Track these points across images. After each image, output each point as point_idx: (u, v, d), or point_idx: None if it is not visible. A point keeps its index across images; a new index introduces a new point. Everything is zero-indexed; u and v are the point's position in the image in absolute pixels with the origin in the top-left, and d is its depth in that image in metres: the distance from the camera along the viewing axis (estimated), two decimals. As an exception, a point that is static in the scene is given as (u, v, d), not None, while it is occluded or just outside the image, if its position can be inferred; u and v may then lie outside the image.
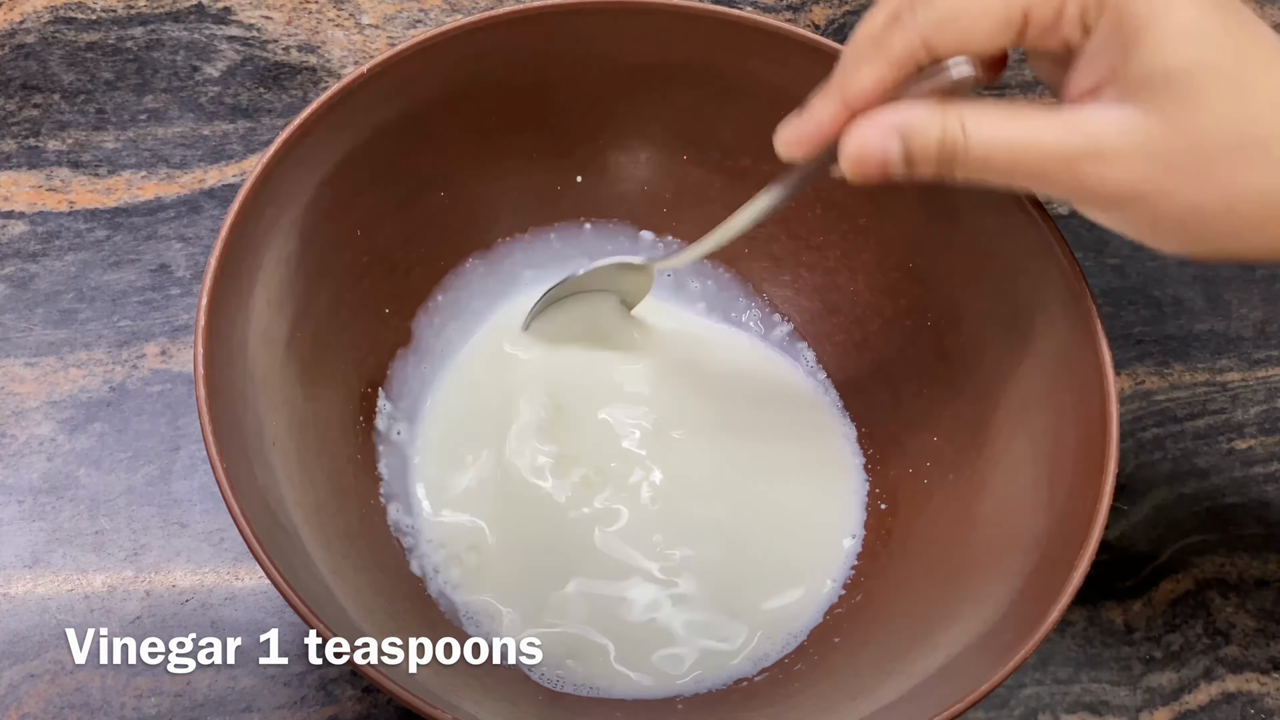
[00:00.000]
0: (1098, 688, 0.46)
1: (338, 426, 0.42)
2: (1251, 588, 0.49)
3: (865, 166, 0.33)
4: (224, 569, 0.45)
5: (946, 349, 0.44)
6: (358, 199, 0.42)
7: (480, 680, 0.39)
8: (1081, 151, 0.30)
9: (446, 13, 0.61)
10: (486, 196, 0.47)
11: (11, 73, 0.56)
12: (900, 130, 0.32)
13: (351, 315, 0.43)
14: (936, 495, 0.44)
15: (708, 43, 0.43)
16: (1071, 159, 0.30)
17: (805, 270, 0.49)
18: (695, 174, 0.48)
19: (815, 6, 0.63)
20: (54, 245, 0.51)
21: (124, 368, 0.48)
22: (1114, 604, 0.48)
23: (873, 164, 0.33)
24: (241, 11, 0.59)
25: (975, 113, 0.31)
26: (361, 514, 0.42)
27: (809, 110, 0.34)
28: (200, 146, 0.55)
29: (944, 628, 0.38)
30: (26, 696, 0.42)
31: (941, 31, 0.32)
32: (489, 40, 0.42)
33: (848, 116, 0.33)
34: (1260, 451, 0.52)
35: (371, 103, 0.40)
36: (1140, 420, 0.52)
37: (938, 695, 0.34)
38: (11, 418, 0.47)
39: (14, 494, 0.45)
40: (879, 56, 0.32)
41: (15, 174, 0.53)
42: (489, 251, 0.49)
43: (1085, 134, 0.30)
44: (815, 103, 0.34)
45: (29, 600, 0.43)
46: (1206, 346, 0.55)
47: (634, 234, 0.50)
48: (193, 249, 0.52)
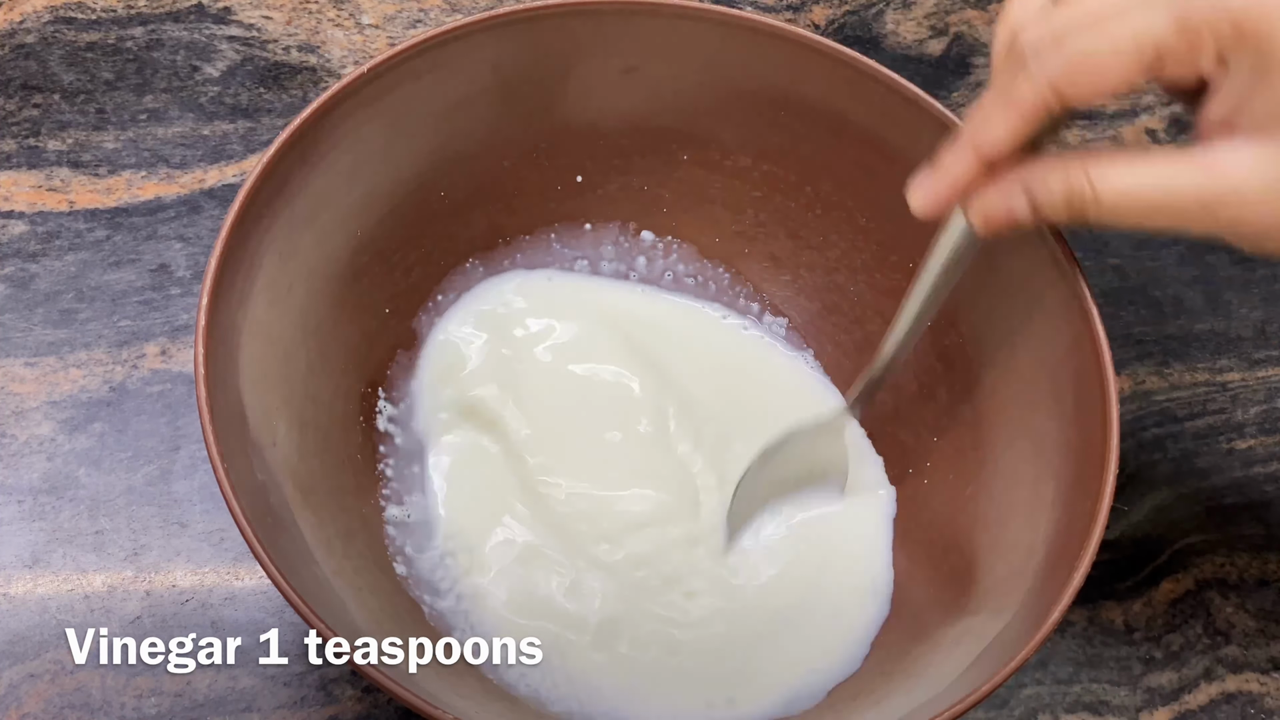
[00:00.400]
0: (1098, 688, 0.46)
1: (338, 426, 0.42)
2: (1251, 588, 0.49)
3: (993, 225, 0.34)
4: (224, 569, 0.45)
5: (946, 349, 0.44)
6: (358, 199, 0.42)
7: (480, 680, 0.39)
8: (1218, 196, 0.30)
9: (446, 13, 0.61)
10: (487, 196, 0.47)
11: (11, 73, 0.56)
12: (1025, 187, 0.32)
13: (351, 315, 0.43)
14: (936, 495, 0.44)
15: (708, 43, 0.43)
16: (1208, 204, 0.30)
17: (805, 270, 0.49)
18: (695, 174, 0.48)
19: (815, 6, 0.63)
20: (54, 245, 0.51)
21: (124, 368, 0.48)
22: (1114, 604, 0.48)
23: (1000, 222, 0.33)
24: (241, 11, 0.59)
25: (1100, 163, 0.31)
26: (361, 514, 0.42)
27: (942, 165, 0.34)
28: (200, 146, 0.55)
29: (944, 628, 0.38)
30: (26, 696, 0.42)
31: (1073, 78, 0.31)
32: (489, 40, 0.42)
33: (981, 169, 0.33)
34: (1260, 451, 0.52)
35: (371, 103, 0.40)
36: (1140, 420, 0.52)
37: (938, 695, 0.34)
38: (11, 418, 0.47)
39: (14, 494, 0.45)
40: (1010, 108, 0.32)
41: (15, 174, 0.53)
42: (489, 251, 0.49)
43: (1221, 176, 0.30)
44: (948, 158, 0.34)
45: (29, 600, 0.43)
46: (1206, 346, 0.55)
47: (634, 234, 0.50)
48: (193, 249, 0.52)
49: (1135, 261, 0.57)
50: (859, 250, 0.47)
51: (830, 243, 0.48)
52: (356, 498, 0.42)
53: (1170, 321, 0.56)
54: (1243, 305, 0.56)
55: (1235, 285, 0.57)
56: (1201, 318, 0.56)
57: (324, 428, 0.41)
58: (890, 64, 0.43)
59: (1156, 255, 0.57)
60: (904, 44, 0.62)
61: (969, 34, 0.63)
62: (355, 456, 0.43)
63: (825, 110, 0.44)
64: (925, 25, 0.63)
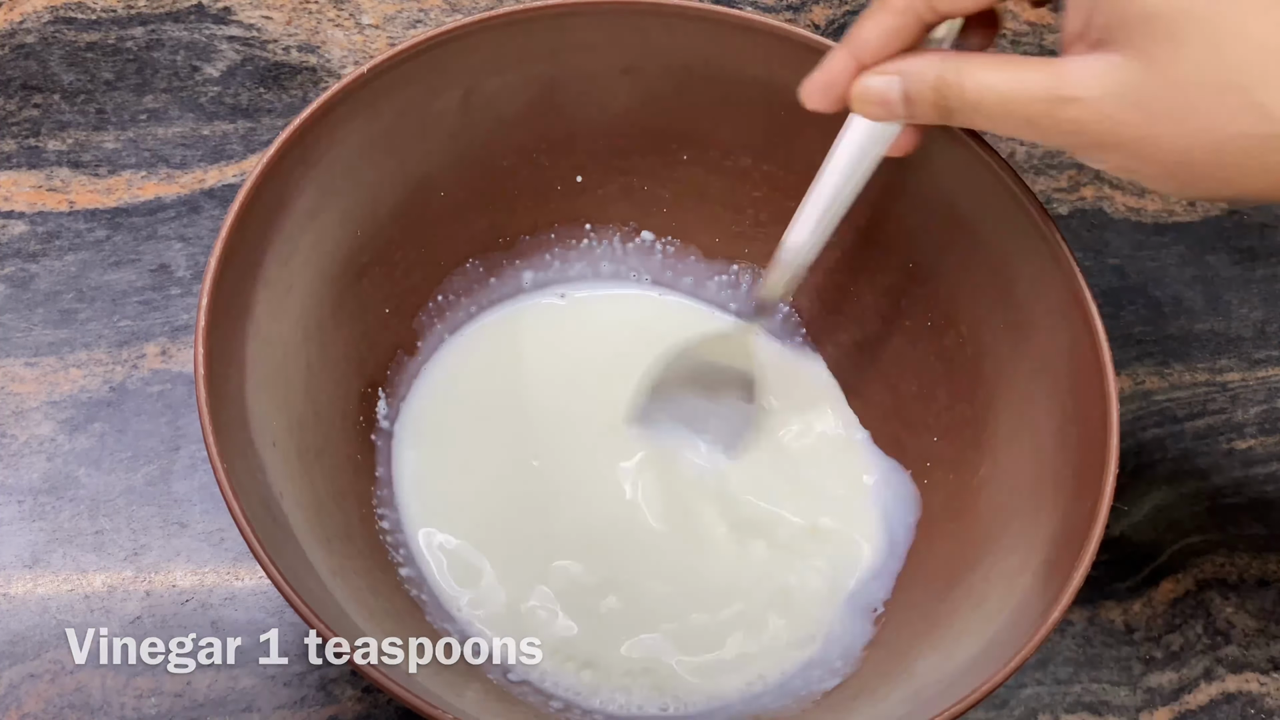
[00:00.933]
0: (1098, 688, 0.46)
1: (338, 426, 0.42)
2: (1251, 588, 0.49)
3: (868, 105, 0.36)
4: (224, 569, 0.45)
5: (946, 349, 0.44)
6: (357, 199, 0.42)
7: (480, 680, 0.39)
8: (1060, 97, 0.31)
9: (446, 13, 0.61)
10: (487, 196, 0.47)
11: (11, 73, 0.56)
12: (900, 72, 0.34)
13: (351, 315, 0.43)
14: (936, 495, 0.44)
15: (708, 43, 0.43)
16: (1052, 104, 0.31)
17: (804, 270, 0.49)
18: (695, 174, 0.48)
19: (815, 6, 0.63)
20: (54, 245, 0.51)
21: (124, 368, 0.48)
22: (1114, 604, 0.48)
23: (874, 102, 0.35)
24: (241, 11, 0.59)
25: (971, 61, 0.33)
26: (361, 514, 0.42)
27: (822, 65, 0.37)
28: (200, 146, 0.55)
29: (944, 628, 0.38)
30: (26, 696, 0.42)
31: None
32: (489, 40, 0.42)
33: (858, 68, 0.36)
34: (1260, 451, 0.52)
35: (371, 102, 0.40)
36: (1140, 420, 0.52)
37: (937, 695, 0.34)
38: (11, 418, 0.47)
39: (14, 494, 0.45)
40: (880, 10, 0.35)
41: (15, 174, 0.53)
42: (489, 252, 0.49)
43: (1065, 80, 0.31)
44: (826, 58, 0.37)
45: (29, 600, 0.43)
46: (1206, 346, 0.55)
47: (634, 234, 0.50)
48: (193, 249, 0.52)
49: (1135, 261, 0.57)
50: (859, 250, 0.47)
51: (830, 243, 0.48)
52: (356, 498, 0.42)
53: (1170, 321, 0.56)
54: (1243, 305, 0.56)
55: (1235, 285, 0.57)
56: (1201, 318, 0.56)
57: (324, 428, 0.41)
58: (890, 64, 0.43)
59: (1156, 255, 0.57)
60: (904, 44, 0.62)
61: (969, 34, 0.63)
62: (355, 456, 0.43)
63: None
64: (925, 25, 0.63)
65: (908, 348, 0.46)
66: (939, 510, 0.44)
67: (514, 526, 0.44)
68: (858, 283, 0.48)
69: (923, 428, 0.46)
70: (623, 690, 0.41)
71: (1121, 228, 0.58)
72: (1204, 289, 0.57)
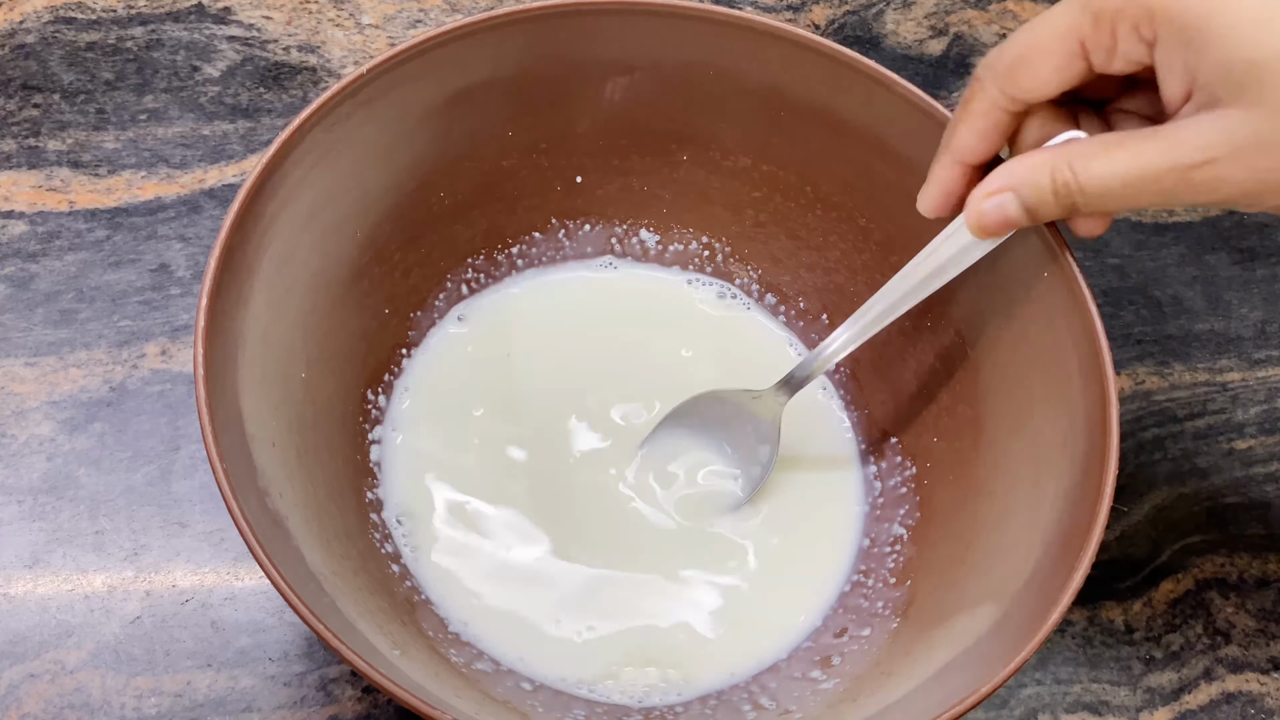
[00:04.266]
0: (1098, 688, 0.46)
1: (338, 426, 0.42)
2: (1251, 588, 0.49)
3: (992, 229, 0.36)
4: (224, 569, 0.45)
5: (946, 349, 0.44)
6: (357, 199, 0.42)
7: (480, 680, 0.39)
8: (1191, 164, 0.31)
9: (446, 13, 0.61)
10: (487, 197, 0.47)
11: (11, 73, 0.56)
12: (1013, 187, 0.34)
13: (351, 315, 0.43)
14: (936, 496, 0.44)
15: (708, 43, 0.43)
16: (1184, 173, 0.31)
17: (805, 270, 0.49)
18: (695, 174, 0.48)
19: (815, 6, 0.63)
20: (54, 245, 0.51)
21: (124, 368, 0.48)
22: (1114, 604, 0.48)
23: (997, 223, 0.35)
24: (241, 11, 0.59)
25: (1081, 153, 0.33)
26: (360, 514, 0.42)
27: (931, 177, 0.38)
28: (200, 146, 0.55)
29: (944, 628, 0.38)
30: (26, 696, 0.42)
31: (1012, 77, 0.34)
32: (489, 40, 0.42)
33: (966, 171, 0.37)
34: (1260, 451, 0.52)
35: (371, 102, 0.40)
36: (1140, 420, 0.52)
37: (938, 695, 0.34)
38: (11, 418, 0.47)
39: (14, 494, 0.45)
40: (966, 114, 0.36)
41: (15, 174, 0.53)
42: (489, 252, 0.49)
43: (1191, 145, 0.31)
44: (934, 169, 0.37)
45: (29, 600, 0.43)
46: (1206, 346, 0.55)
47: (634, 234, 0.50)
48: (193, 249, 0.52)
49: (1135, 261, 0.57)
50: (859, 250, 0.47)
51: (830, 243, 0.48)
52: (356, 498, 0.42)
53: (1170, 321, 0.56)
54: (1243, 305, 0.56)
55: (1235, 285, 0.57)
56: (1201, 318, 0.56)
57: (323, 428, 0.41)
58: (890, 64, 0.43)
59: (1156, 255, 0.57)
60: (904, 44, 0.63)
61: (969, 34, 0.63)
62: (355, 457, 0.43)
63: (825, 110, 0.44)
64: (925, 25, 0.63)
65: (907, 348, 0.46)
66: (939, 511, 0.44)
67: (514, 526, 0.44)
68: (857, 283, 0.48)
69: (923, 428, 0.46)
70: (630, 682, 0.41)
71: (1121, 227, 0.58)
72: (1204, 289, 0.57)
